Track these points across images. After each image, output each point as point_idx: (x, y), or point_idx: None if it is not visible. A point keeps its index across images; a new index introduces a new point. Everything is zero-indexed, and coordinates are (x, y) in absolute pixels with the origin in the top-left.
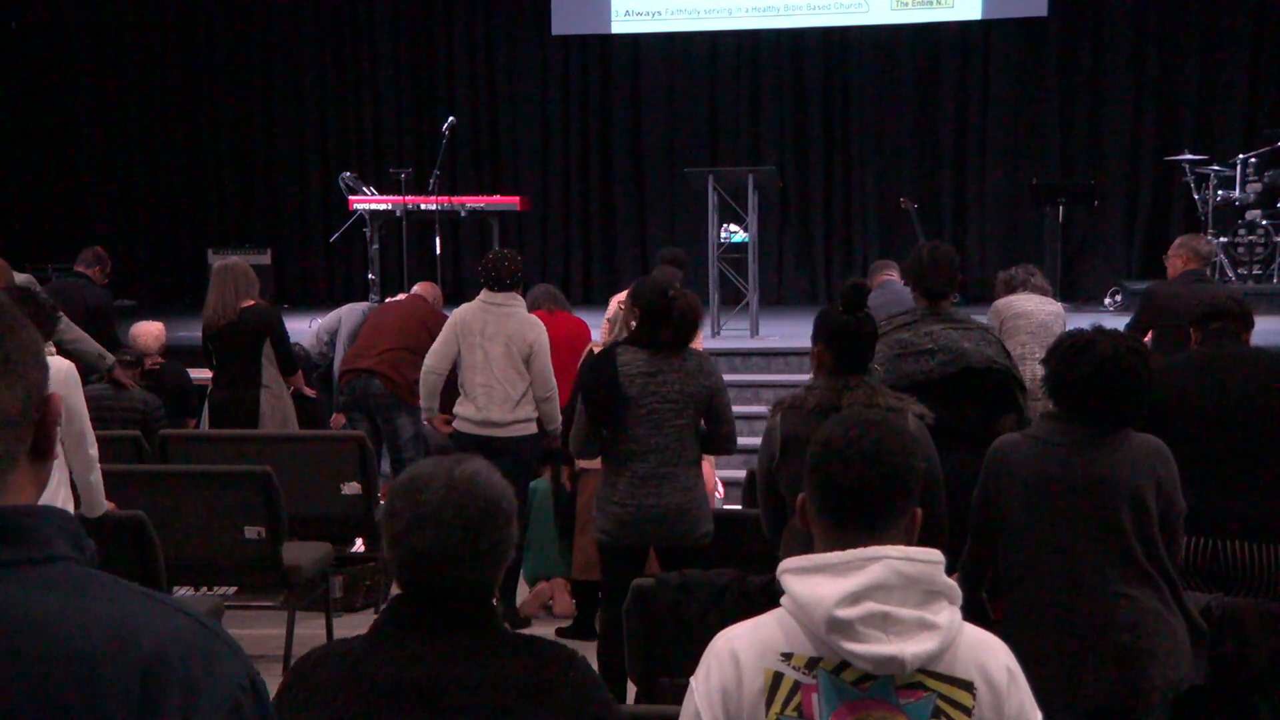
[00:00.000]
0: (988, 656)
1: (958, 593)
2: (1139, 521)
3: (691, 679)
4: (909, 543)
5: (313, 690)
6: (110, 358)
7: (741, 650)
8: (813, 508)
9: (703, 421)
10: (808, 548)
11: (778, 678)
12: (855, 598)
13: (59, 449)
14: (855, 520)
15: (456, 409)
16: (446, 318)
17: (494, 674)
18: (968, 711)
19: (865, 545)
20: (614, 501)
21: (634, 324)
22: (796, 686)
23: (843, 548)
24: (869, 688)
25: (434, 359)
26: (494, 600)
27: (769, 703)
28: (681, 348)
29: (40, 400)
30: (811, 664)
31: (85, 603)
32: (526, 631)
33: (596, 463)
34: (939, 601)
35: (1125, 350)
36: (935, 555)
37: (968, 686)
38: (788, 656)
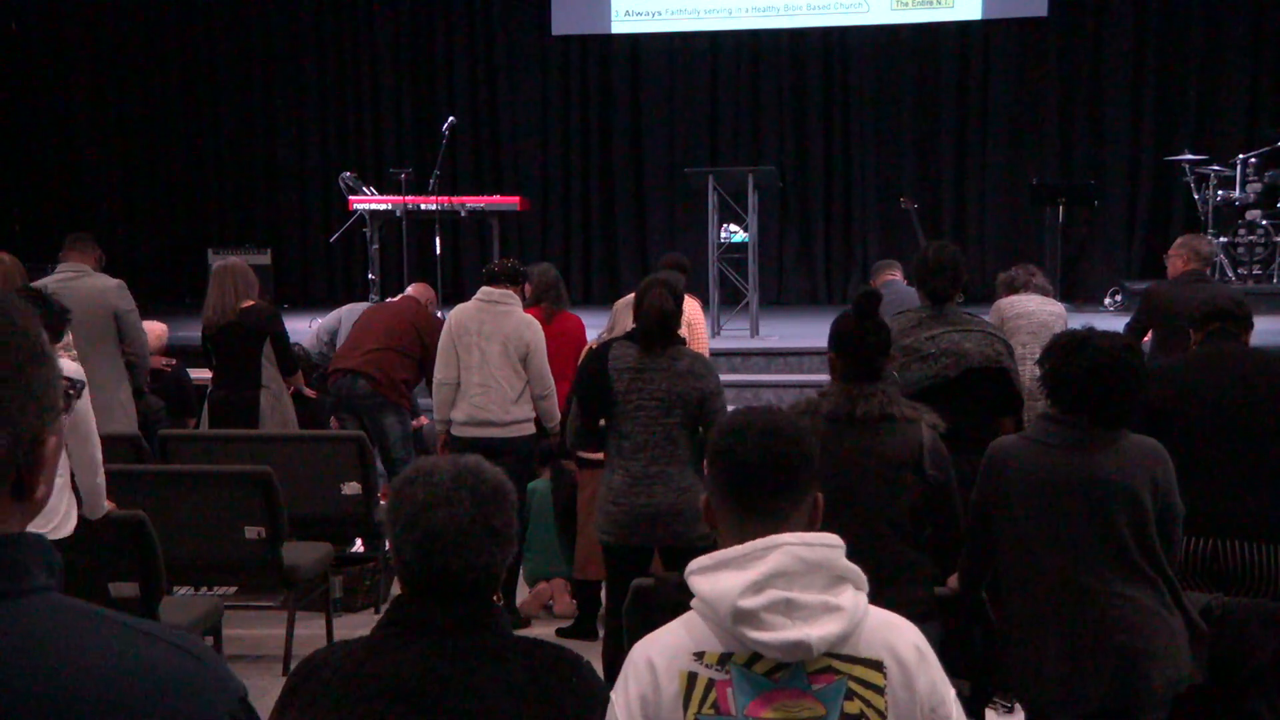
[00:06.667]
0: (895, 636)
1: (862, 577)
2: (1135, 522)
3: (611, 693)
4: (811, 530)
5: (316, 693)
6: None
7: (655, 656)
8: (717, 498)
9: (700, 426)
10: None
11: (692, 677)
12: (758, 586)
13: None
14: (757, 503)
15: (453, 413)
16: (439, 318)
17: (497, 678)
18: (880, 690)
19: (767, 535)
20: (610, 500)
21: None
22: (711, 684)
23: (748, 539)
24: (781, 678)
25: (441, 370)
26: (497, 600)
27: (686, 704)
28: (663, 346)
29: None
30: (723, 660)
31: (69, 642)
32: (526, 632)
33: (599, 458)
34: (843, 585)
35: (1120, 348)
36: (834, 540)
37: (877, 665)
38: (700, 655)
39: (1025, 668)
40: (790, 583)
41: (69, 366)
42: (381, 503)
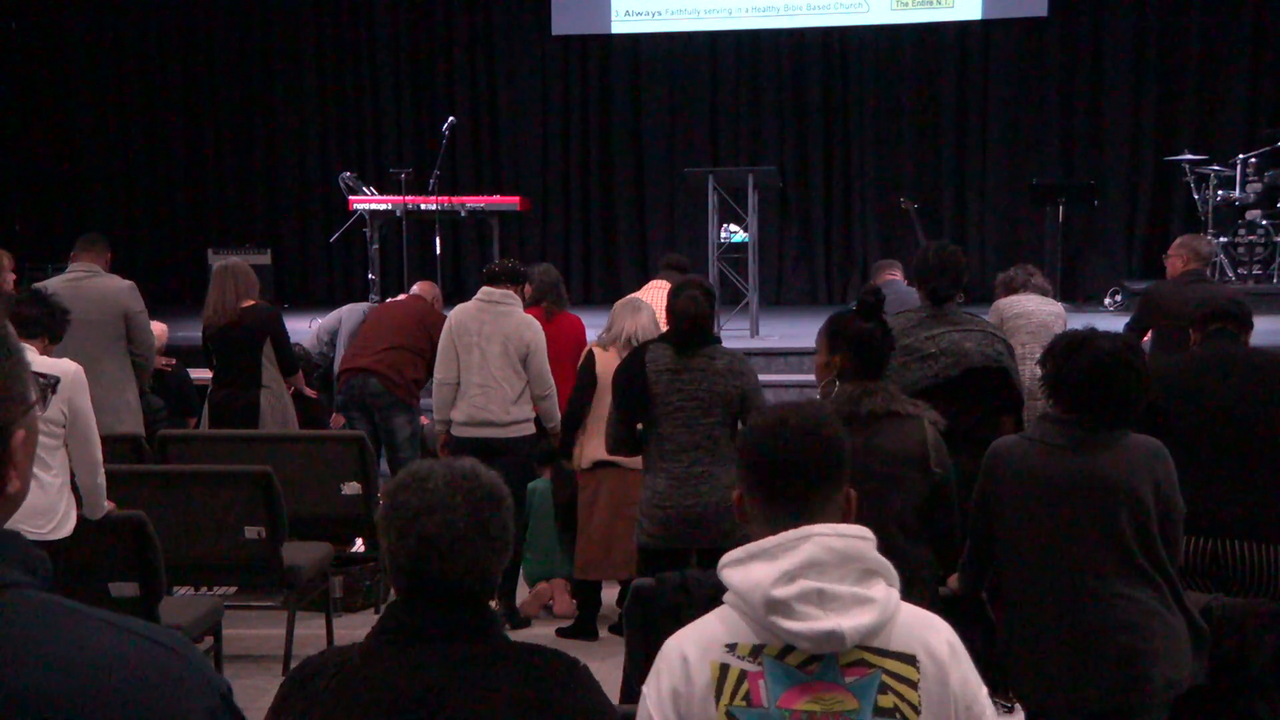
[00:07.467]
0: (929, 632)
1: (894, 573)
2: (1137, 522)
3: (644, 686)
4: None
5: (310, 701)
6: None
7: (688, 649)
8: (751, 495)
9: (740, 424)
10: None
11: (724, 669)
12: (790, 576)
13: (61, 454)
14: (792, 499)
15: (452, 414)
16: (445, 317)
17: (493, 685)
18: (913, 685)
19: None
20: (654, 504)
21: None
22: (743, 675)
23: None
24: (815, 670)
25: (442, 370)
26: (493, 605)
27: (718, 695)
28: (697, 346)
29: None
30: (755, 651)
31: (41, 636)
32: (526, 632)
33: (600, 458)
34: (875, 579)
35: (1121, 348)
36: (865, 532)
37: (910, 660)
38: (732, 647)
39: (1026, 668)
40: (822, 573)
41: (66, 366)
42: (382, 503)
